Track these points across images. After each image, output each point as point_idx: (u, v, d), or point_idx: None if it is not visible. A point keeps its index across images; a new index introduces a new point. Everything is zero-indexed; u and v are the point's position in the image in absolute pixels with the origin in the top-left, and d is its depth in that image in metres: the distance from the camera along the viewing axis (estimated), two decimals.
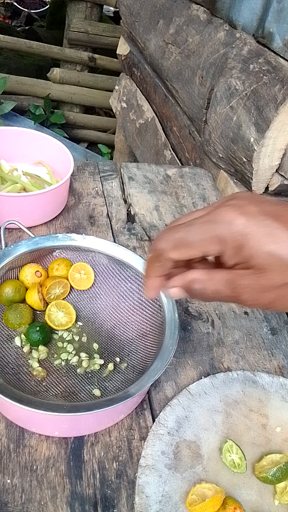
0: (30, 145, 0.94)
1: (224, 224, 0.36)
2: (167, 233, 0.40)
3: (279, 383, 0.63)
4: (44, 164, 0.94)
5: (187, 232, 0.38)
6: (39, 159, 0.95)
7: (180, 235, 0.39)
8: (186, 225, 0.39)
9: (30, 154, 0.95)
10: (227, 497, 0.50)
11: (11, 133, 0.93)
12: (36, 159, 0.96)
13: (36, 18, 4.57)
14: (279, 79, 0.86)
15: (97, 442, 0.54)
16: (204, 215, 0.38)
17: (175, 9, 1.33)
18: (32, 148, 0.95)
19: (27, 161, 0.96)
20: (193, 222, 0.38)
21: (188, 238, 0.38)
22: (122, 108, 1.92)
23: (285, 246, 0.35)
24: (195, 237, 0.38)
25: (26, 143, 0.94)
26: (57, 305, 0.63)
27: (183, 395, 0.59)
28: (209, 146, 1.08)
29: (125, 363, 0.59)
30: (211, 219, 0.37)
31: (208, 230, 0.37)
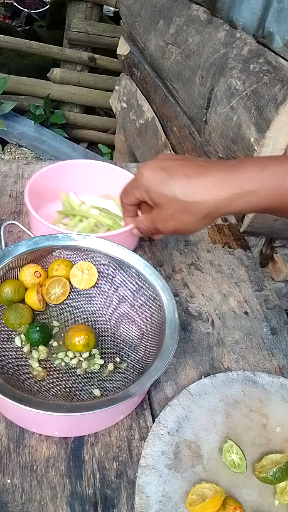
0: (96, 177, 0.90)
1: (138, 177, 0.58)
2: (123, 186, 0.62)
3: (279, 383, 0.63)
4: (111, 197, 0.90)
5: (127, 184, 0.61)
6: (106, 192, 0.91)
7: (125, 187, 0.62)
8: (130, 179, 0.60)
9: (96, 187, 0.91)
10: (227, 497, 0.50)
11: (77, 165, 0.89)
12: (102, 192, 0.91)
13: (36, 18, 4.57)
14: (279, 79, 0.86)
15: (97, 442, 0.54)
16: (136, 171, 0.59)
17: (175, 9, 1.33)
18: (98, 180, 0.90)
19: (94, 193, 0.91)
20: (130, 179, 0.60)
21: (126, 189, 0.61)
22: (122, 108, 1.92)
23: (168, 188, 0.54)
24: (127, 188, 0.61)
25: (92, 175, 0.90)
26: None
27: (183, 395, 0.59)
28: (209, 146, 1.08)
29: (125, 363, 0.59)
30: (136, 174, 0.58)
31: (132, 183, 0.59)
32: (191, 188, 0.53)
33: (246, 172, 0.52)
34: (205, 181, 0.53)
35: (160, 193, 0.55)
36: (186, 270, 0.82)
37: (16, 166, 1.00)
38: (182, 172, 0.54)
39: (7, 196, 0.91)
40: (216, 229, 0.93)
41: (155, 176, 0.55)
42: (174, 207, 0.55)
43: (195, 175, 0.54)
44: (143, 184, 0.56)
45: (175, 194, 0.54)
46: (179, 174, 0.54)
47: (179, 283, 0.79)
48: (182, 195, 0.53)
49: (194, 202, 0.53)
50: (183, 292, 0.77)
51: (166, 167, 0.55)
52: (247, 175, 0.52)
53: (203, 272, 0.82)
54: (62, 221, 0.85)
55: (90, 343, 0.59)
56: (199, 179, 0.53)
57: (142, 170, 0.57)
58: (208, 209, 0.53)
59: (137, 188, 0.58)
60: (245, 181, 0.52)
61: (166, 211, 0.56)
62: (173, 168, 0.55)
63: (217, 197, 0.52)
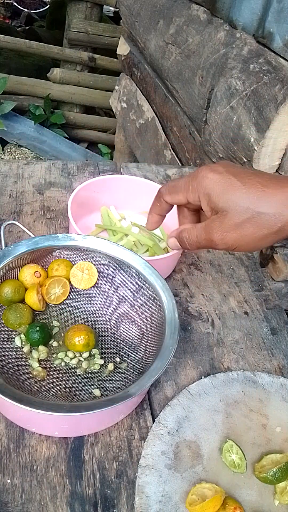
0: (138, 193, 0.88)
1: (199, 178, 0.50)
2: (169, 182, 0.54)
3: (279, 383, 0.63)
4: None
5: (177, 182, 0.53)
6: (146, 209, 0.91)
7: (173, 184, 0.53)
8: (180, 177, 0.53)
9: (137, 203, 0.89)
10: (227, 497, 0.50)
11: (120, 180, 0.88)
12: (143, 209, 0.88)
13: (36, 18, 4.57)
14: (279, 79, 0.86)
15: (97, 442, 0.54)
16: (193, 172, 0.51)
17: (175, 9, 1.33)
18: (139, 197, 0.88)
19: (134, 209, 0.89)
20: (184, 176, 0.53)
21: (176, 186, 0.53)
22: (122, 108, 1.92)
23: (239, 194, 0.47)
24: (180, 186, 0.52)
25: (134, 191, 0.88)
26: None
27: (183, 395, 0.59)
28: (209, 146, 1.08)
29: (125, 363, 0.59)
30: (193, 175, 0.51)
31: (189, 181, 0.51)
32: (267, 197, 0.47)
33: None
34: (283, 193, 0.47)
35: (227, 199, 0.48)
36: (186, 270, 0.82)
37: (16, 166, 1.01)
38: (256, 180, 0.48)
39: (7, 196, 0.91)
40: None
41: (223, 180, 0.48)
42: (242, 216, 0.48)
43: (271, 185, 0.48)
44: (205, 186, 0.49)
45: (247, 201, 0.47)
46: (252, 181, 0.48)
47: (179, 283, 0.79)
48: (256, 204, 0.47)
49: (269, 214, 0.47)
50: (183, 292, 0.77)
51: (235, 173, 0.49)
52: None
53: (203, 272, 0.82)
54: (100, 235, 0.83)
55: (90, 343, 0.59)
56: (276, 190, 0.47)
57: (205, 173, 0.49)
58: (281, 224, 0.47)
59: (193, 190, 0.51)
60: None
61: (231, 219, 0.48)
62: (245, 175, 0.49)
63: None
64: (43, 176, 0.99)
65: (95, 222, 0.85)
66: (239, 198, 0.47)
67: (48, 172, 1.00)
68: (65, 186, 0.97)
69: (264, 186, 0.48)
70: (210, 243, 0.50)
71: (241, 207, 0.47)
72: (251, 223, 0.48)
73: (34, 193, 0.93)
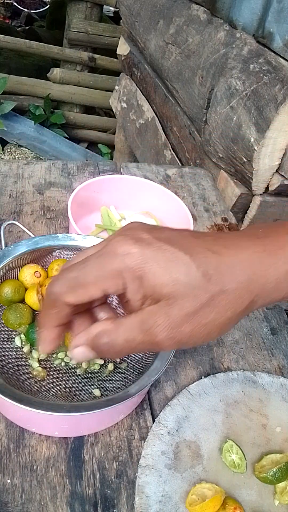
0: (137, 193, 0.88)
1: (119, 256, 0.33)
2: (60, 275, 0.35)
3: (279, 383, 0.63)
4: (152, 216, 0.89)
5: (82, 270, 0.34)
6: (146, 209, 0.89)
7: (74, 275, 0.34)
8: (80, 263, 0.35)
9: (137, 203, 0.89)
10: (227, 497, 0.50)
11: (120, 180, 0.88)
12: (143, 209, 0.89)
13: (36, 18, 4.57)
14: (279, 79, 0.86)
15: (97, 442, 0.54)
16: (98, 250, 0.35)
17: (175, 9, 1.33)
18: (139, 197, 0.88)
19: (134, 209, 0.90)
20: (87, 259, 0.34)
21: (83, 277, 0.34)
22: (122, 108, 1.92)
23: (189, 270, 0.33)
24: (91, 274, 0.34)
25: (134, 191, 0.88)
26: None
27: (183, 395, 0.59)
28: (209, 146, 1.08)
29: (125, 363, 0.59)
30: (105, 253, 0.34)
31: (103, 265, 0.33)
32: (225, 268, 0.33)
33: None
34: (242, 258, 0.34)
35: (172, 280, 0.32)
36: None
37: (16, 166, 1.01)
38: (203, 246, 0.34)
39: (7, 196, 0.91)
40: (216, 229, 0.93)
41: (159, 253, 0.33)
42: (197, 301, 0.33)
43: (224, 250, 0.34)
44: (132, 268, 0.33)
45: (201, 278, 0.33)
46: (199, 248, 0.34)
47: None
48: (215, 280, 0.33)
49: (234, 289, 0.34)
50: None
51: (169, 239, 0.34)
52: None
53: None
54: (100, 235, 0.83)
55: None
56: (232, 256, 0.34)
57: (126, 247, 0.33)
58: (250, 298, 0.34)
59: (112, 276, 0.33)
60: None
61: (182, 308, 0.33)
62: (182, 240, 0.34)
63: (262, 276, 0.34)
64: (43, 176, 0.99)
65: (95, 222, 0.85)
66: (188, 276, 0.32)
67: (48, 172, 1.00)
68: (65, 186, 0.97)
69: (217, 254, 0.34)
70: (151, 345, 0.34)
71: (194, 288, 0.33)
72: (211, 307, 0.33)
73: (34, 193, 0.93)
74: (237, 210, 1.02)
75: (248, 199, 1.00)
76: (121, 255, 0.33)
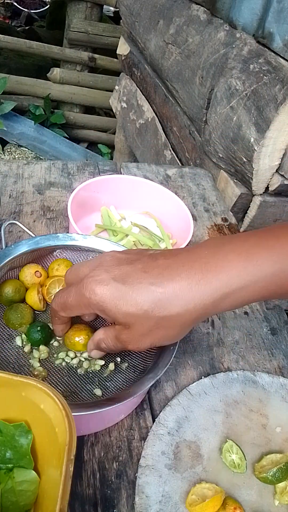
0: (138, 193, 0.88)
1: (86, 296, 0.45)
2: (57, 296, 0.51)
3: (279, 383, 0.63)
4: (152, 216, 0.88)
5: (66, 299, 0.48)
6: (147, 210, 0.89)
7: (62, 301, 0.49)
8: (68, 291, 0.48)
9: (137, 203, 0.89)
10: (227, 497, 0.50)
11: (120, 180, 0.88)
12: (143, 209, 0.89)
13: (36, 18, 4.57)
14: (279, 79, 0.86)
15: (97, 442, 0.54)
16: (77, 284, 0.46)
17: (175, 9, 1.33)
18: (140, 197, 0.88)
19: (134, 209, 0.89)
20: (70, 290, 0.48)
21: (67, 304, 0.48)
22: (122, 108, 1.92)
23: (134, 304, 0.43)
24: (72, 304, 0.48)
25: (134, 191, 0.88)
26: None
27: (183, 395, 0.59)
28: (209, 146, 1.08)
29: (126, 363, 0.59)
30: (78, 290, 0.46)
31: (78, 300, 0.46)
32: (165, 300, 0.42)
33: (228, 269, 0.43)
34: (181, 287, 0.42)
35: (125, 313, 0.43)
36: None
37: (16, 166, 1.01)
38: (147, 281, 0.43)
39: (7, 196, 0.91)
40: (216, 229, 0.93)
41: (113, 293, 0.43)
42: (147, 326, 0.44)
43: (165, 282, 0.43)
44: (96, 304, 0.44)
45: (146, 311, 0.42)
46: (143, 285, 0.43)
47: None
48: (156, 311, 0.42)
49: (173, 316, 0.43)
50: None
51: (122, 277, 0.43)
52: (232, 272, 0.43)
53: None
54: (100, 235, 0.83)
55: None
56: (172, 287, 0.42)
57: (92, 287, 0.44)
58: (192, 319, 0.44)
59: (86, 307, 0.46)
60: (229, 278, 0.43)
61: (137, 331, 0.44)
62: (133, 277, 0.43)
63: (200, 303, 0.43)
64: (43, 176, 0.99)
65: (95, 222, 0.85)
66: (137, 310, 0.42)
67: (48, 172, 1.00)
68: (65, 186, 0.97)
69: (157, 286, 0.42)
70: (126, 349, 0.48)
71: (142, 318, 0.43)
72: (160, 328, 0.44)
73: (34, 193, 0.93)
74: (237, 210, 1.02)
75: (248, 199, 1.00)
76: (88, 296, 0.45)
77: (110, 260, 0.46)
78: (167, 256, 0.45)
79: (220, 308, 0.44)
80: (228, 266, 0.43)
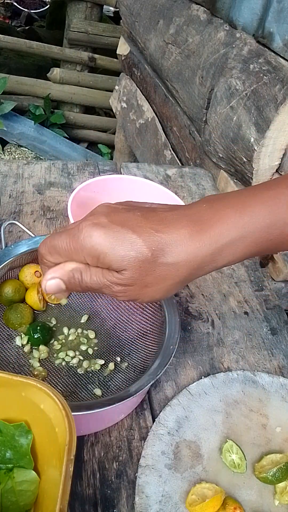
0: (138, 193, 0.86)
1: (81, 239, 0.41)
2: (47, 239, 0.44)
3: (279, 383, 0.63)
4: None
5: (58, 241, 0.43)
6: None
7: (53, 243, 0.43)
8: (60, 234, 0.43)
9: None
10: (227, 497, 0.50)
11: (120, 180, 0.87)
12: None
13: (36, 18, 4.57)
14: (279, 79, 0.86)
15: (97, 442, 0.54)
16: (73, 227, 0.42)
17: (175, 9, 1.33)
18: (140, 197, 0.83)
19: None
20: (63, 233, 0.43)
21: (58, 247, 0.43)
22: (122, 108, 1.92)
23: (134, 247, 0.40)
24: (61, 247, 0.43)
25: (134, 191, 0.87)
26: None
27: (183, 395, 0.59)
28: (209, 146, 1.08)
29: (126, 362, 0.59)
30: (72, 233, 0.42)
31: (70, 243, 0.42)
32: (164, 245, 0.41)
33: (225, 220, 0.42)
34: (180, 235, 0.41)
35: (122, 257, 0.40)
36: None
37: (16, 166, 1.01)
38: (148, 226, 0.41)
39: (7, 196, 0.91)
40: None
41: (110, 235, 0.40)
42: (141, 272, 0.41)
43: (166, 228, 0.41)
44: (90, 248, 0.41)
45: (146, 254, 0.40)
46: (144, 228, 0.41)
47: None
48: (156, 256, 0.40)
49: (172, 264, 0.41)
50: (183, 292, 0.77)
51: (123, 221, 0.41)
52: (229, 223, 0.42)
53: None
54: None
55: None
56: (172, 233, 0.41)
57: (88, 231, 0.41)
58: (189, 271, 0.42)
59: (76, 253, 0.42)
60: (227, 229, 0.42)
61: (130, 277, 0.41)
62: (132, 221, 0.41)
63: (199, 254, 0.41)
64: (43, 176, 0.99)
65: None
66: (134, 253, 0.40)
67: (48, 172, 1.00)
68: (65, 186, 0.97)
69: (158, 232, 0.41)
70: (109, 293, 0.43)
71: (138, 262, 0.40)
72: (153, 277, 0.41)
73: (34, 193, 0.93)
74: None
75: None
76: (82, 238, 0.41)
77: (106, 208, 0.43)
78: (166, 209, 0.44)
79: (218, 262, 0.43)
80: (224, 218, 0.42)
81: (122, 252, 0.40)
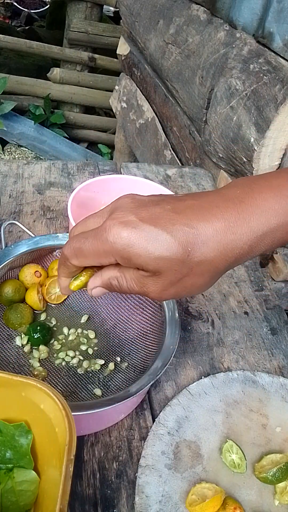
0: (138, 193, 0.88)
1: (109, 241, 0.38)
2: (70, 241, 0.42)
3: (279, 383, 0.63)
4: None
5: (83, 244, 0.41)
6: None
7: (77, 246, 0.41)
8: (85, 236, 0.41)
9: None
10: (227, 497, 0.50)
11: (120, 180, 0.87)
12: None
13: (36, 18, 4.57)
14: (279, 79, 0.86)
15: (97, 442, 0.54)
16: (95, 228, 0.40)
17: (175, 9, 1.33)
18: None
19: None
20: (88, 234, 0.41)
21: (83, 250, 0.41)
22: (122, 108, 1.92)
23: (169, 248, 0.37)
24: (89, 250, 0.40)
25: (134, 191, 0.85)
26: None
27: (183, 395, 0.59)
28: (209, 146, 1.08)
29: (126, 362, 0.59)
30: (99, 234, 0.39)
31: (97, 246, 0.39)
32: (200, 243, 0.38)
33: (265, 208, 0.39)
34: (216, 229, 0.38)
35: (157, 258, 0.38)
36: None
37: (16, 166, 1.01)
38: (181, 222, 0.38)
39: (7, 196, 0.91)
40: None
41: (143, 236, 0.37)
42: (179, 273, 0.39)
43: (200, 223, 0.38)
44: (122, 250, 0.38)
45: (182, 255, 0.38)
46: (177, 226, 0.38)
47: None
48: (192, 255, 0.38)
49: (208, 260, 0.38)
50: None
51: (152, 218, 0.38)
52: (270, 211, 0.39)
53: None
54: None
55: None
56: (207, 227, 0.38)
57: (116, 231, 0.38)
58: (226, 264, 0.40)
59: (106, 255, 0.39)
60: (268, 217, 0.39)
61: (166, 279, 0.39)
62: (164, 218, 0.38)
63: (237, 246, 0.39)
64: (43, 176, 0.99)
65: None
66: (169, 254, 0.37)
67: (48, 172, 1.00)
68: (65, 186, 0.97)
69: (193, 228, 0.38)
70: (145, 295, 0.42)
71: (175, 263, 0.38)
72: (191, 276, 0.39)
73: (34, 193, 0.93)
74: None
75: None
76: (112, 240, 0.38)
77: (131, 202, 0.40)
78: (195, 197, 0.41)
79: (255, 252, 0.40)
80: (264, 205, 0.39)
81: (157, 254, 0.37)
